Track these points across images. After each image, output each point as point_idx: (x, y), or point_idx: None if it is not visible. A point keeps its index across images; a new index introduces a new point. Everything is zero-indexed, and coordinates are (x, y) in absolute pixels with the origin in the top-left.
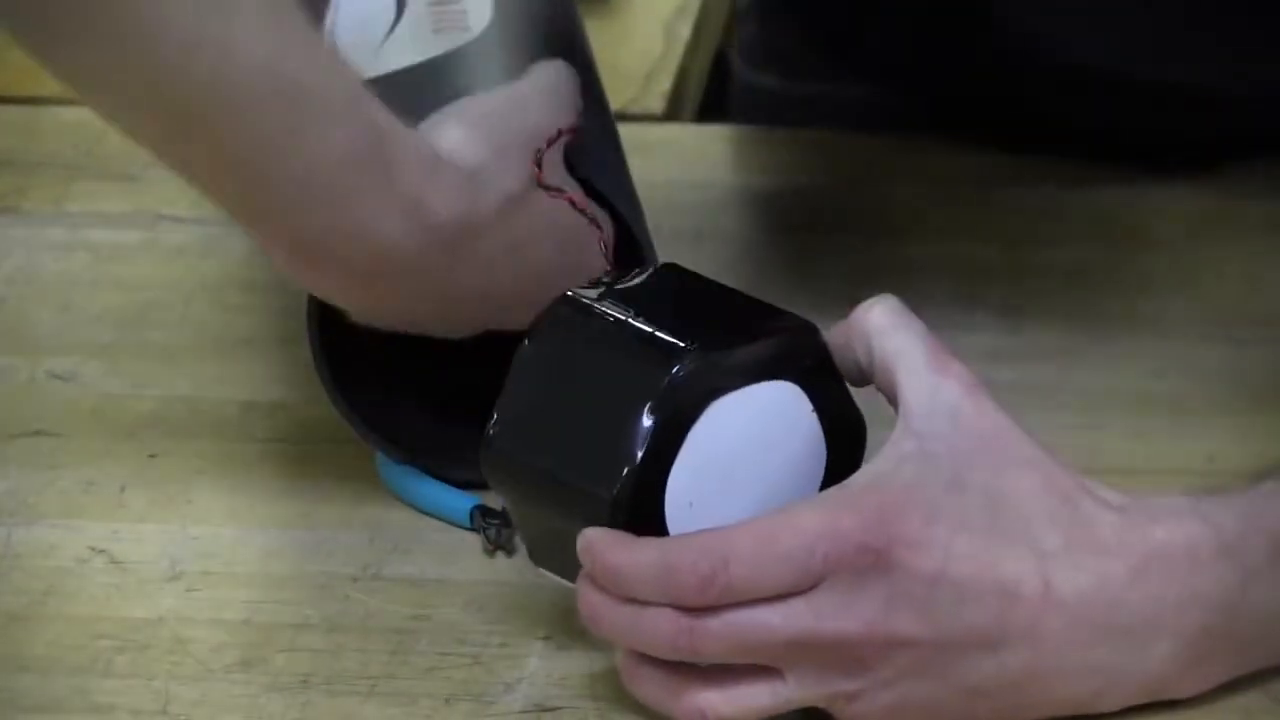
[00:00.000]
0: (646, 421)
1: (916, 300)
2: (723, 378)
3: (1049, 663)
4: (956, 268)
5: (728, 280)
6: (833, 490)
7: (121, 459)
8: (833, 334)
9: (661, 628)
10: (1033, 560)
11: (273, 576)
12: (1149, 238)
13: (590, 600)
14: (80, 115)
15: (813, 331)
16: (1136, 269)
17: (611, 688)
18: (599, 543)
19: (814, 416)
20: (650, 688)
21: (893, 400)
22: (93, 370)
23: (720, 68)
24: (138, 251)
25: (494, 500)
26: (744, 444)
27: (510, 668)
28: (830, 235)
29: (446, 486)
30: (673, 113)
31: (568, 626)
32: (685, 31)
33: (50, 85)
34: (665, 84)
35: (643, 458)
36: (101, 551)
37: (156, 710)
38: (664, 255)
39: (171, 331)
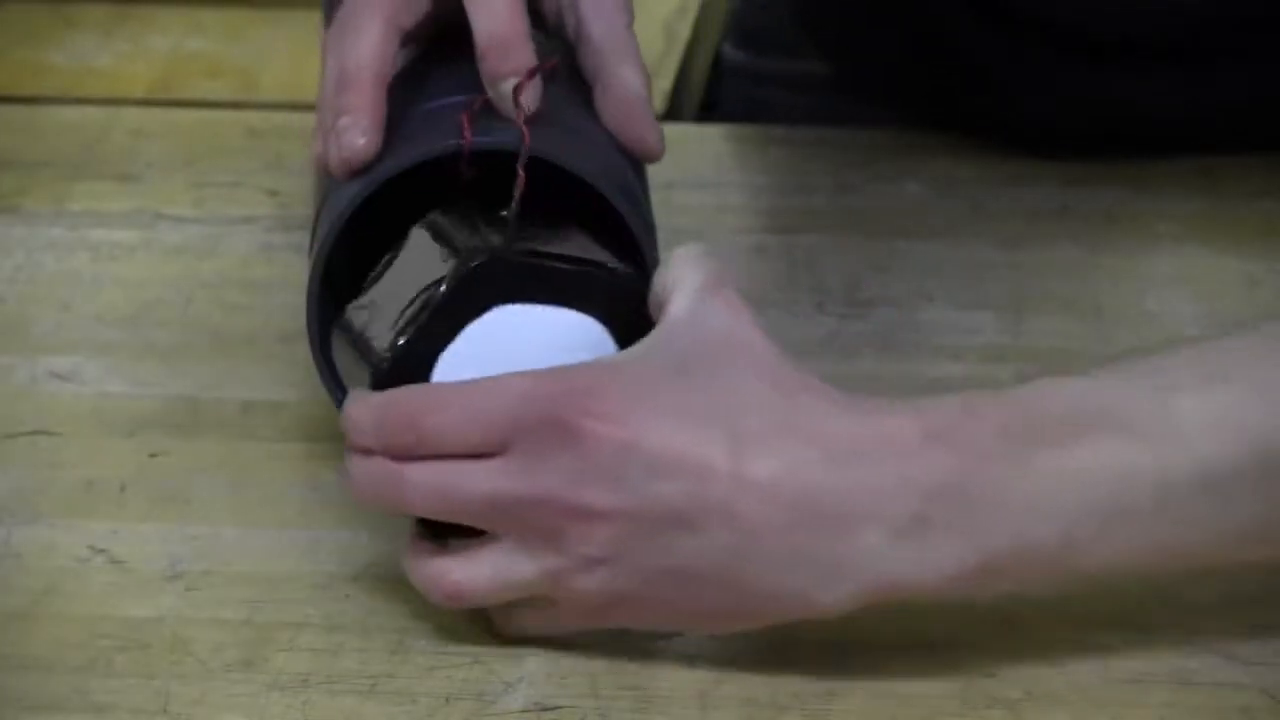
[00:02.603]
0: (423, 300)
1: (917, 300)
2: (517, 286)
3: (750, 546)
4: (956, 268)
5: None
6: (558, 365)
7: (121, 459)
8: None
9: (375, 475)
10: (728, 442)
11: (273, 576)
12: (1149, 237)
13: (347, 464)
14: (80, 115)
15: (634, 281)
16: (1136, 269)
17: (611, 687)
18: (346, 402)
19: None
20: (411, 562)
21: None
22: (93, 370)
23: (719, 67)
24: (138, 251)
25: None
26: (531, 362)
27: (510, 667)
28: (830, 235)
29: None
30: (673, 113)
31: None
32: (685, 31)
33: (50, 85)
34: (665, 84)
35: (409, 335)
36: (101, 551)
37: (157, 709)
38: (664, 255)
39: (171, 331)
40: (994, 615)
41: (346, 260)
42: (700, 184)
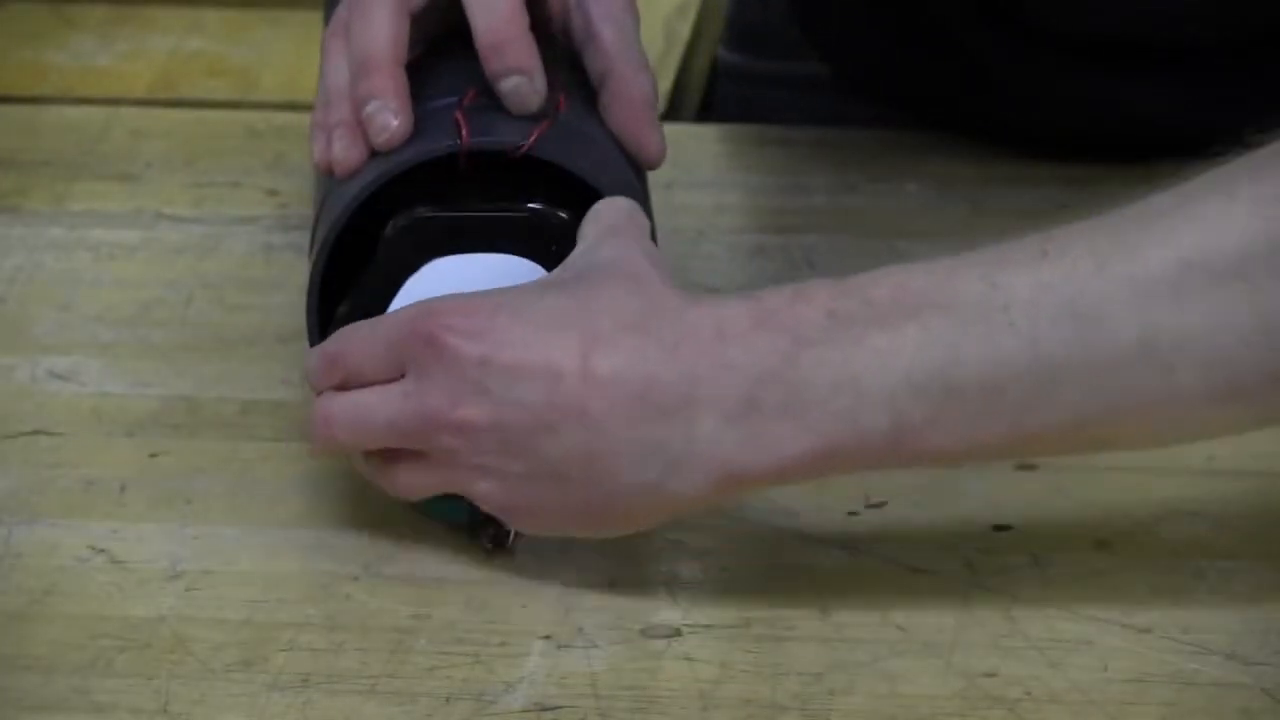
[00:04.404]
0: (373, 262)
1: None
2: (448, 240)
3: (602, 442)
4: None
5: (727, 280)
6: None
7: (121, 459)
8: None
9: (315, 415)
10: (579, 345)
11: (273, 576)
12: None
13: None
14: (80, 115)
15: (563, 219)
16: None
17: (611, 687)
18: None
19: None
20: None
21: None
22: (93, 370)
23: (715, 71)
24: (138, 251)
25: None
26: None
27: (510, 668)
28: (830, 235)
29: None
30: (672, 113)
31: (568, 626)
32: (685, 31)
33: (50, 85)
34: (665, 84)
35: (353, 298)
36: (101, 551)
37: (157, 709)
38: (664, 254)
39: (171, 331)
40: (994, 615)
41: (346, 260)
42: (699, 184)
